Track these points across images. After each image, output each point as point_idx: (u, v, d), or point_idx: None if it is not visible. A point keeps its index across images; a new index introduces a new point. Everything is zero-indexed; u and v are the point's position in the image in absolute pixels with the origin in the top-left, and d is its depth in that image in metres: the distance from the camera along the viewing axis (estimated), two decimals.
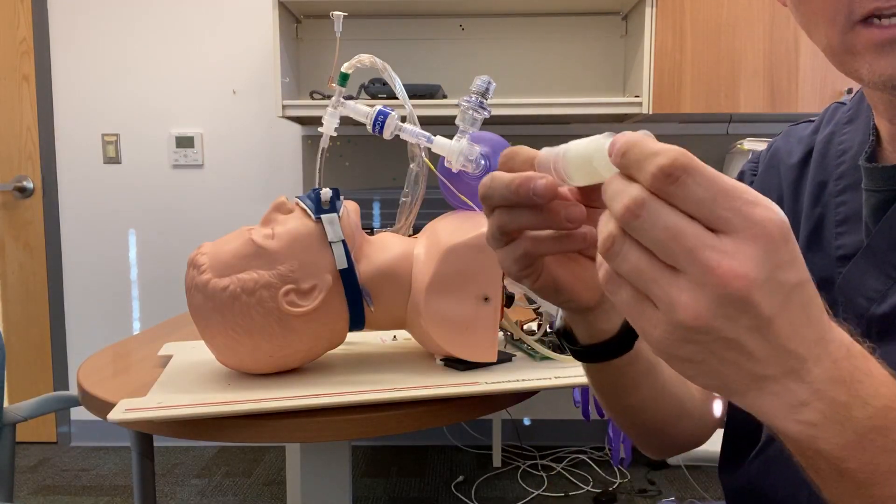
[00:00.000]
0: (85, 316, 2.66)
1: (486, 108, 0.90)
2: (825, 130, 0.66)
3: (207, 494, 2.24)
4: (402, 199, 0.98)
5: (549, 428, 2.65)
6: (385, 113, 0.91)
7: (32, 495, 2.25)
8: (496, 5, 2.39)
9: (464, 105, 0.90)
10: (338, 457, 0.90)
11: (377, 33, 2.49)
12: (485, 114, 0.90)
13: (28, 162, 2.60)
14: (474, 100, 0.89)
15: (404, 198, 0.98)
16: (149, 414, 0.74)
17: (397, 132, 0.92)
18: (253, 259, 0.83)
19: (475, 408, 0.84)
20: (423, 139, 0.92)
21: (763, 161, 0.71)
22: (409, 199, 0.98)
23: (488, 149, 0.94)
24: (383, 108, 0.91)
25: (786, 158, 0.68)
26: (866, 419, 0.34)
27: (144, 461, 1.23)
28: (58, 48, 2.56)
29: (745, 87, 2.17)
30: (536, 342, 0.95)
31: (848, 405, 0.34)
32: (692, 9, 2.15)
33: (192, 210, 2.61)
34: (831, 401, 0.33)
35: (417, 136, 0.92)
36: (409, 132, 0.92)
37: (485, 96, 0.89)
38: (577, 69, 2.50)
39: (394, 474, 2.40)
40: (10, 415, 1.25)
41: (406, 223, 0.99)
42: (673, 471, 2.39)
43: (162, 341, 1.11)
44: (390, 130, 0.91)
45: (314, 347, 0.88)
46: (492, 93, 0.90)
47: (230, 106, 2.57)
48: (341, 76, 0.91)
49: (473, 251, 0.87)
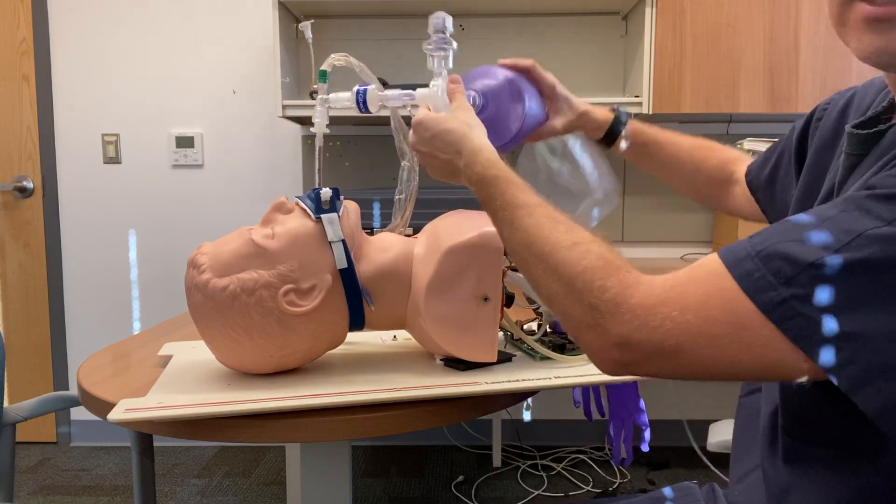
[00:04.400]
0: (85, 316, 2.66)
1: (449, 42, 0.90)
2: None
3: (207, 494, 2.24)
4: (396, 197, 0.99)
5: (549, 428, 2.65)
6: (363, 89, 0.91)
7: (32, 495, 2.25)
8: (496, 5, 2.39)
9: (428, 48, 0.90)
10: (338, 457, 0.90)
11: (377, 33, 2.49)
12: (451, 48, 0.90)
13: (28, 162, 2.60)
14: (436, 38, 0.89)
15: (398, 195, 0.98)
16: (148, 414, 0.74)
17: (382, 102, 0.92)
18: (253, 259, 0.83)
19: (475, 408, 0.84)
20: (407, 98, 0.92)
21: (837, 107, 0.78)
22: (403, 196, 0.98)
23: (490, 81, 0.94)
24: (361, 84, 0.92)
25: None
26: (476, 175, 0.76)
27: (144, 461, 1.23)
28: (58, 48, 2.56)
29: (745, 87, 2.17)
30: (536, 342, 0.95)
31: (471, 166, 0.77)
32: (692, 9, 2.15)
33: (192, 210, 2.61)
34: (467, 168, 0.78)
35: (401, 98, 0.92)
36: (393, 96, 0.92)
37: (444, 31, 0.89)
38: (577, 69, 2.50)
39: (394, 474, 2.40)
40: (10, 415, 1.25)
41: (402, 221, 0.99)
42: (673, 471, 2.40)
43: (162, 341, 1.11)
44: (375, 103, 0.92)
45: (314, 347, 0.88)
46: (451, 25, 0.89)
47: (230, 106, 2.57)
48: (321, 73, 0.92)
49: (473, 251, 0.87)
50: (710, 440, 1.51)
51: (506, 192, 0.71)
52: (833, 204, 0.53)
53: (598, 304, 0.56)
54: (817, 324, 0.49)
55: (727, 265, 0.53)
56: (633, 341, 0.54)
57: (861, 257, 0.48)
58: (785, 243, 0.51)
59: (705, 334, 0.52)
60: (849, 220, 0.50)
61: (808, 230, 0.51)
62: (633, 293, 0.55)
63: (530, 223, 0.67)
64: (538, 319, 1.04)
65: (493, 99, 0.95)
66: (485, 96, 0.95)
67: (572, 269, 0.59)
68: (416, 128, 0.86)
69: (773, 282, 0.50)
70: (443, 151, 0.83)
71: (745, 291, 0.51)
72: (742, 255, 0.53)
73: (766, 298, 0.50)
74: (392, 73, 2.43)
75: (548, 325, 1.01)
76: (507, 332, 1.04)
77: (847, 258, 0.48)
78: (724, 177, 1.03)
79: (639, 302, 0.54)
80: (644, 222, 2.55)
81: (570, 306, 0.59)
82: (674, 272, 0.56)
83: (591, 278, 0.57)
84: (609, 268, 0.57)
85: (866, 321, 0.48)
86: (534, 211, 0.68)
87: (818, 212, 0.53)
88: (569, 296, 0.59)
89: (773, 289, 0.50)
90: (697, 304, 0.53)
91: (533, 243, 0.65)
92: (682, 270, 0.56)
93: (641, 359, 0.54)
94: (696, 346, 0.52)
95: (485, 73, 0.97)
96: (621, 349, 0.55)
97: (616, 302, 0.55)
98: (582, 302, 0.57)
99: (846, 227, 0.49)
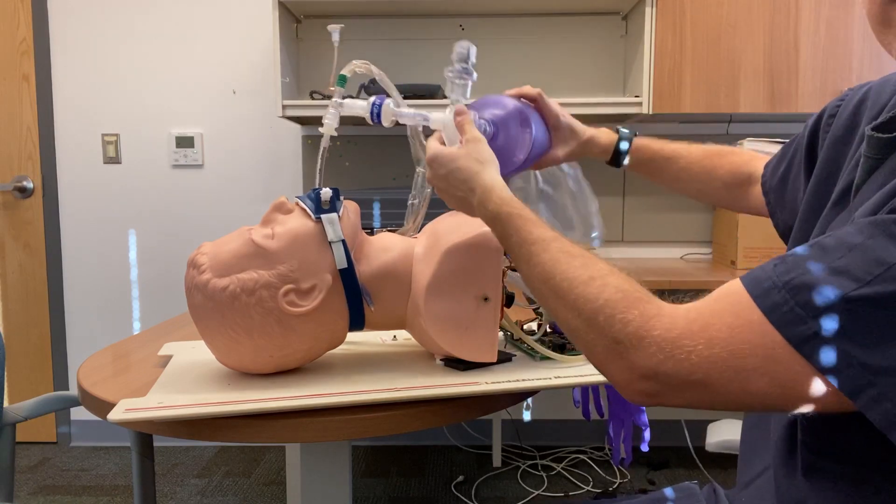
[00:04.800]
0: (85, 316, 2.66)
1: (470, 73, 0.91)
2: None
3: (207, 494, 2.24)
4: (409, 202, 1.00)
5: (549, 428, 2.65)
6: (380, 102, 0.92)
7: (32, 495, 2.25)
8: (496, 5, 2.39)
9: (449, 75, 0.91)
10: (338, 457, 0.90)
11: (377, 33, 2.49)
12: (471, 79, 0.91)
13: (28, 162, 2.60)
14: (458, 67, 0.90)
15: (412, 200, 0.99)
16: (148, 414, 0.74)
17: (396, 118, 0.93)
18: (253, 259, 0.83)
19: (475, 408, 0.84)
20: (420, 119, 0.93)
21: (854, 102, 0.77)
22: (416, 202, 0.99)
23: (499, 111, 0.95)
24: (378, 96, 0.92)
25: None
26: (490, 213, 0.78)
27: (144, 461, 1.23)
28: (58, 48, 2.56)
29: (745, 87, 2.17)
30: (536, 342, 0.95)
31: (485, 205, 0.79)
32: (692, 9, 2.15)
33: (192, 210, 2.61)
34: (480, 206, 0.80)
35: (415, 118, 0.93)
36: (407, 115, 0.93)
37: (467, 61, 0.90)
38: (577, 69, 2.50)
39: (394, 474, 2.40)
40: (10, 415, 1.25)
41: (413, 225, 1.00)
42: (673, 471, 2.40)
43: (162, 341, 1.11)
44: (389, 117, 0.92)
45: (314, 347, 0.88)
46: (474, 56, 0.90)
47: (230, 106, 2.57)
48: (340, 78, 0.92)
49: (473, 251, 0.87)
50: (709, 440, 1.51)
51: (521, 228, 0.72)
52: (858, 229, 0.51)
53: (622, 338, 0.56)
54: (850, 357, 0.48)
55: (753, 296, 0.52)
56: (660, 373, 0.54)
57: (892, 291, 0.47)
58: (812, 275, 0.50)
59: (733, 368, 0.52)
60: (878, 249, 0.49)
61: (835, 259, 0.50)
62: (655, 325, 0.55)
63: (546, 259, 0.67)
64: (538, 319, 1.04)
65: (502, 127, 0.95)
66: (495, 125, 0.94)
67: (592, 304, 0.59)
68: (430, 164, 0.87)
69: (802, 315, 0.49)
70: (457, 189, 0.84)
71: (774, 325, 0.50)
72: (768, 286, 0.52)
73: (796, 332, 0.50)
74: (392, 73, 2.41)
75: (548, 325, 1.01)
76: (507, 332, 1.04)
77: (878, 291, 0.47)
78: (741, 179, 1.02)
79: (661, 335, 0.54)
80: (644, 222, 2.55)
81: (593, 341, 0.59)
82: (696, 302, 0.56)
83: (611, 312, 0.58)
84: (628, 300, 0.58)
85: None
86: (549, 246, 0.68)
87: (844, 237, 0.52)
88: (591, 331, 0.59)
89: (803, 322, 0.49)
90: (724, 337, 0.52)
91: (550, 279, 0.65)
92: (705, 300, 0.56)
93: (668, 390, 0.54)
94: (724, 379, 0.52)
95: (494, 103, 0.97)
96: (648, 381, 0.55)
97: (639, 335, 0.55)
98: (605, 336, 0.58)
99: (875, 256, 0.48)
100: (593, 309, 0.59)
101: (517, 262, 0.73)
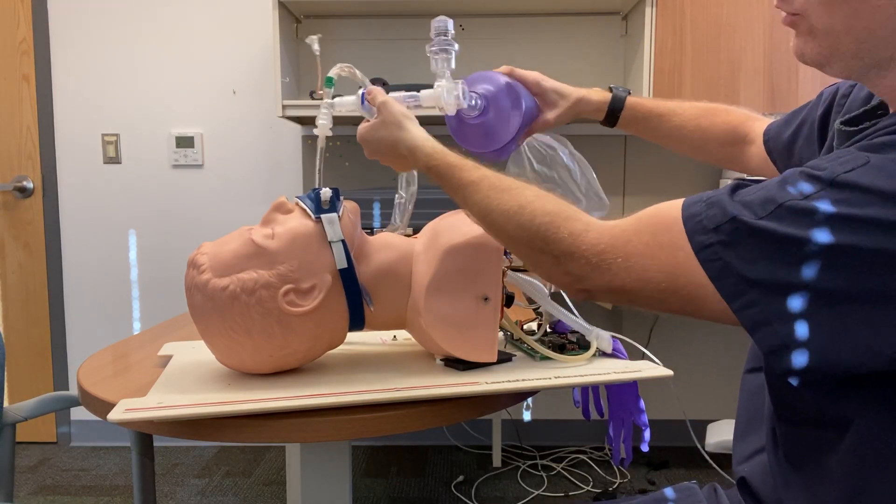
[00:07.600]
0: (85, 316, 2.66)
1: (451, 45, 0.92)
2: None
3: (207, 494, 2.24)
4: (396, 201, 1.02)
5: (549, 428, 2.65)
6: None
7: (32, 495, 2.25)
8: (496, 5, 2.39)
9: (431, 51, 0.93)
10: (338, 457, 0.90)
11: (377, 33, 2.49)
12: (453, 50, 0.93)
13: (28, 162, 2.60)
14: (438, 41, 0.92)
15: (398, 200, 1.01)
16: (148, 414, 0.74)
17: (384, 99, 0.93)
18: (253, 259, 0.83)
19: (475, 408, 0.84)
20: (411, 100, 0.94)
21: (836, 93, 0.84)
22: (403, 200, 1.00)
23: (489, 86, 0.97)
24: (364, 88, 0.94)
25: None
26: (422, 170, 0.85)
27: (144, 461, 1.23)
28: (58, 48, 2.56)
29: (745, 87, 2.17)
30: (536, 342, 0.95)
31: (416, 164, 0.85)
32: (692, 9, 2.15)
33: (192, 210, 2.61)
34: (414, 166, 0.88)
35: (405, 100, 0.94)
36: (397, 97, 0.94)
37: (446, 34, 0.92)
38: (577, 69, 2.50)
39: (394, 474, 2.40)
40: (10, 415, 1.25)
41: (402, 223, 1.01)
42: (673, 471, 2.40)
43: (162, 341, 1.11)
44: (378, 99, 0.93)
45: (314, 347, 0.88)
46: (452, 29, 0.92)
47: (230, 106, 2.57)
48: (327, 80, 0.94)
49: (473, 251, 0.87)
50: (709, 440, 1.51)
51: (452, 177, 0.80)
52: (778, 177, 0.60)
53: (558, 254, 0.67)
54: (730, 269, 0.57)
55: (684, 205, 0.62)
56: (589, 280, 0.66)
57: (770, 226, 0.55)
58: (726, 198, 0.58)
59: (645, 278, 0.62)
60: (774, 191, 0.57)
61: (749, 194, 0.58)
62: (582, 241, 0.65)
63: (479, 199, 0.76)
64: (538, 319, 1.04)
65: (492, 101, 0.99)
66: (486, 98, 0.98)
67: (528, 231, 0.70)
68: (361, 144, 0.93)
69: (706, 226, 0.59)
70: (391, 154, 0.90)
71: (687, 232, 0.60)
72: (697, 199, 0.61)
73: (698, 240, 0.59)
74: (392, 72, 2.43)
75: (548, 325, 1.01)
76: (507, 332, 1.04)
77: (763, 225, 0.55)
78: (737, 138, 1.04)
79: (588, 249, 0.65)
80: None
81: (537, 260, 0.70)
82: (625, 218, 0.66)
83: (544, 235, 0.68)
84: (556, 221, 0.68)
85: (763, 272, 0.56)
86: (479, 187, 0.77)
87: (767, 181, 0.60)
88: (533, 253, 0.70)
89: (704, 233, 0.59)
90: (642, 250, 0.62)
91: (488, 216, 0.75)
92: (636, 215, 0.66)
93: (599, 295, 0.67)
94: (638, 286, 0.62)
95: (485, 78, 1.01)
96: (582, 287, 0.67)
97: (570, 252, 0.66)
98: (545, 254, 0.68)
99: (772, 196, 0.57)
100: (529, 236, 0.69)
101: (460, 206, 0.81)
